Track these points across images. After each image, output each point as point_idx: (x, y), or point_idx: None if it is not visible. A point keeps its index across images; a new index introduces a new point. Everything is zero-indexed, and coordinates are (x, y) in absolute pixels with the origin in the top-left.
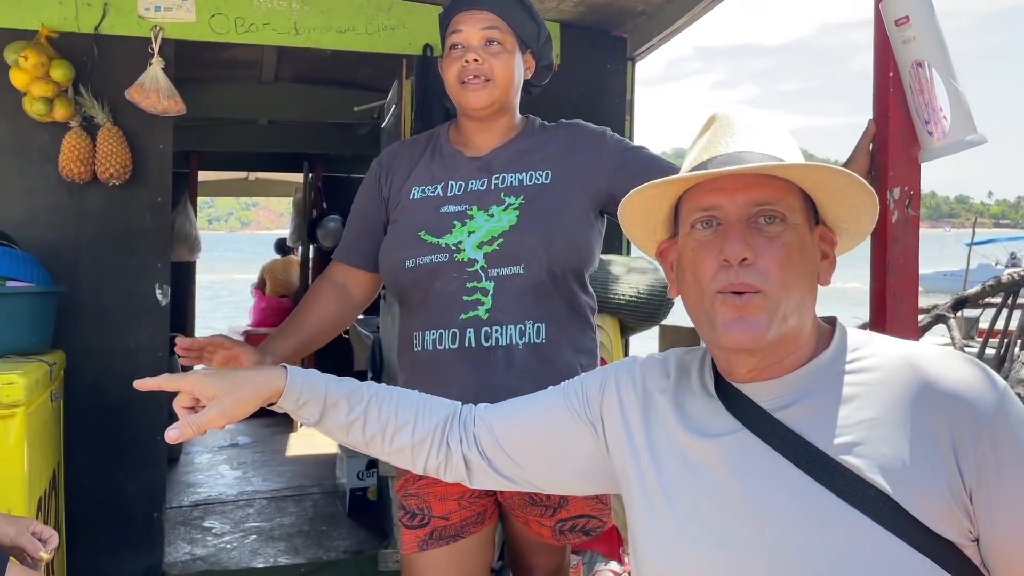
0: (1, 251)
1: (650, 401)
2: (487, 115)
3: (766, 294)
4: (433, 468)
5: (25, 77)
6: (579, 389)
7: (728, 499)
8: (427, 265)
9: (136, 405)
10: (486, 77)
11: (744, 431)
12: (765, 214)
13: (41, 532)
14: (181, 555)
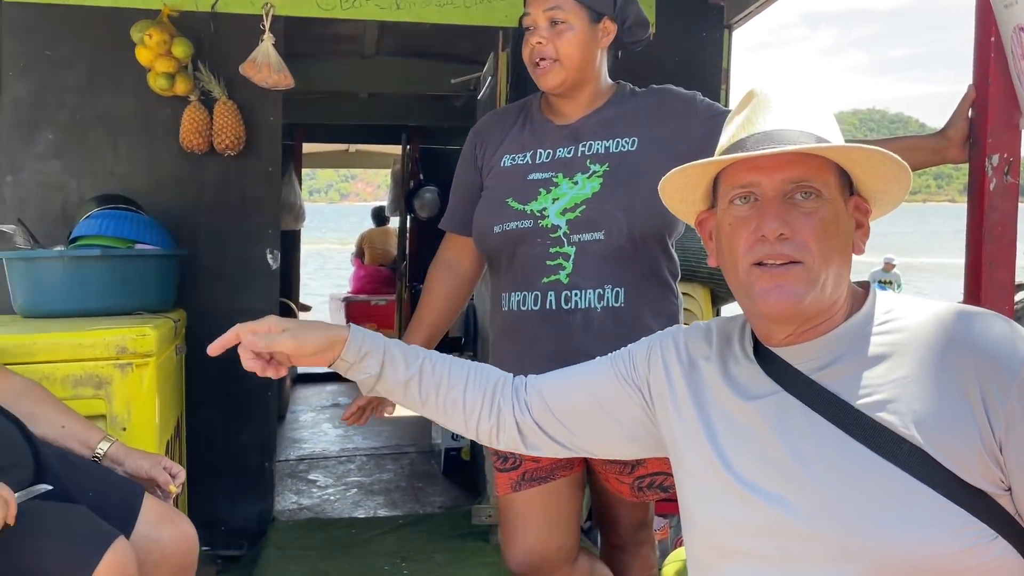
0: (130, 216)
1: (694, 367)
2: (562, 92)
3: (807, 265)
4: (485, 433)
5: (149, 54)
6: (626, 357)
7: (769, 457)
8: (513, 231)
9: None
10: (553, 58)
11: (782, 393)
12: (802, 190)
13: (171, 467)
14: (288, 504)
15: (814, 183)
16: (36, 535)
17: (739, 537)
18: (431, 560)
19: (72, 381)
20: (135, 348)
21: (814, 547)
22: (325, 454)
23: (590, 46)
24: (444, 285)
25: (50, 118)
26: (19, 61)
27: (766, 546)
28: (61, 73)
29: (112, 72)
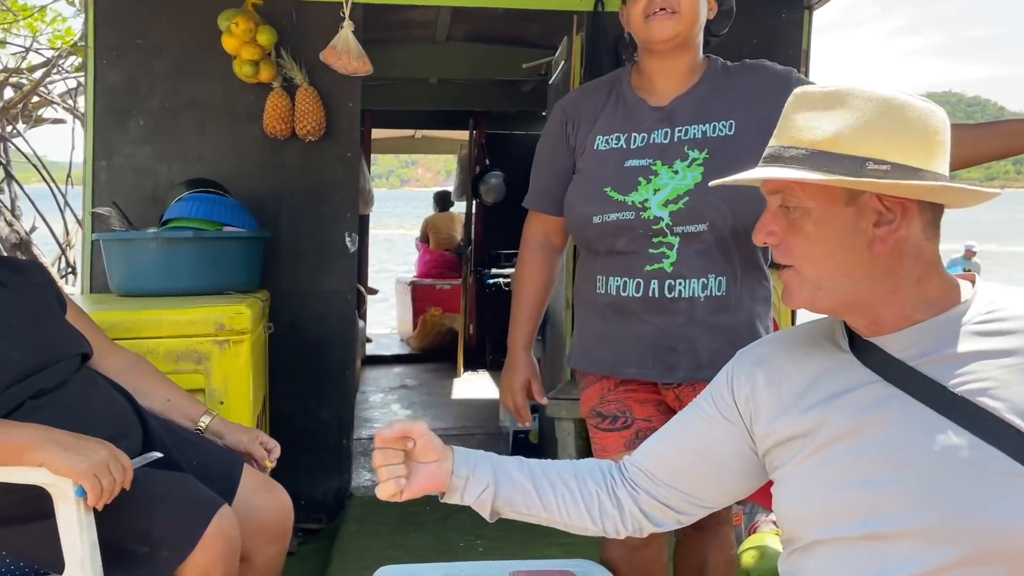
0: (219, 200)
1: (779, 371)
2: (670, 48)
3: (796, 269)
4: (612, 526)
5: (235, 42)
6: (709, 397)
7: (867, 445)
8: (613, 222)
9: (329, 343)
10: (672, 9)
11: (880, 381)
12: (786, 204)
13: (267, 443)
14: (363, 481)
15: (794, 199)
16: (148, 500)
17: (838, 523)
18: (506, 539)
19: (174, 356)
20: (232, 325)
21: (915, 531)
22: None
23: (702, 8)
24: (539, 266)
25: (141, 105)
26: (112, 50)
27: (865, 531)
28: (152, 61)
29: (199, 59)
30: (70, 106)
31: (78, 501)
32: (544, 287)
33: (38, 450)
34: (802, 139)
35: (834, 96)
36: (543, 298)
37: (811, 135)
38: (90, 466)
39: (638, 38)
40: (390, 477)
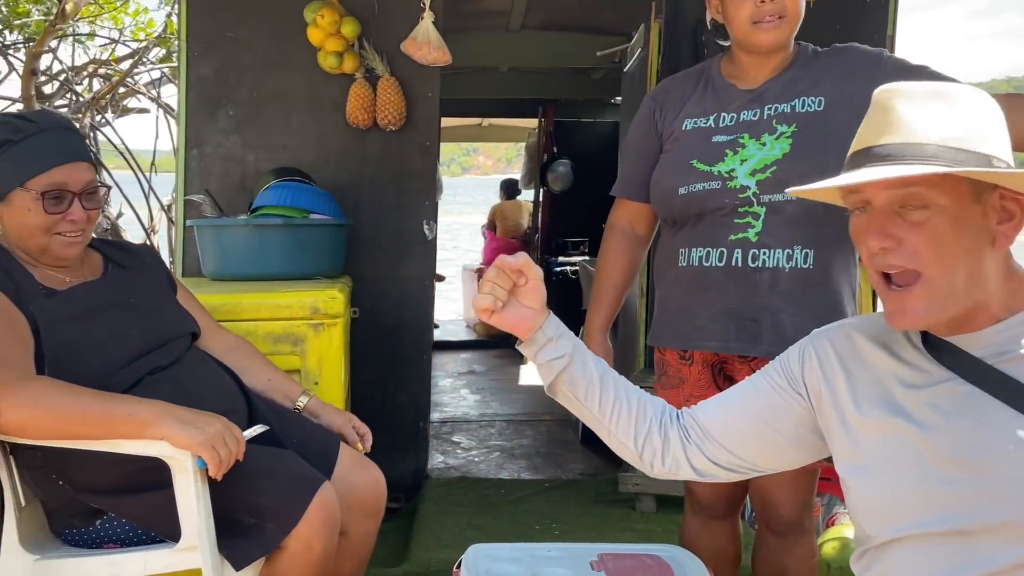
0: (306, 188)
1: (853, 359)
2: (773, 50)
3: (926, 277)
4: (649, 454)
5: (320, 34)
6: (778, 367)
7: (945, 442)
8: (699, 192)
9: (407, 328)
10: (780, 15)
11: (955, 379)
12: (909, 203)
13: (359, 427)
14: (437, 463)
15: (920, 195)
16: (256, 475)
17: (916, 520)
18: (579, 523)
19: (272, 338)
20: (326, 309)
21: (995, 528)
22: (466, 418)
23: (803, 5)
24: (622, 253)
25: (230, 95)
26: (203, 42)
27: (945, 528)
28: (240, 53)
29: (286, 51)
30: (154, 96)
31: (196, 472)
32: (626, 274)
33: (159, 424)
34: (928, 136)
35: (941, 94)
36: (624, 284)
37: (938, 132)
38: (207, 438)
39: (740, 39)
40: (491, 293)
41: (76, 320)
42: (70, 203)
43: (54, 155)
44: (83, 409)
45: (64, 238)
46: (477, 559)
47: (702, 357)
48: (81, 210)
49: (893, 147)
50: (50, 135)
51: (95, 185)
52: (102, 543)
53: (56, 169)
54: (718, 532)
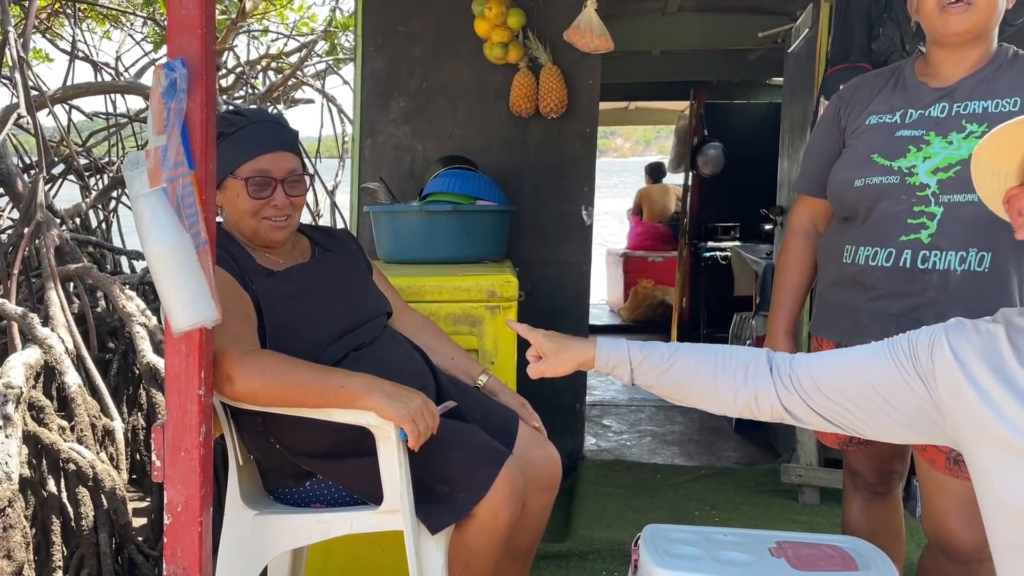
0: (472, 176)
1: (991, 356)
2: (964, 41)
3: None
4: (744, 405)
5: (487, 26)
6: (906, 345)
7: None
8: (876, 185)
9: (564, 311)
10: (968, 1)
11: None
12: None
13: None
14: (589, 445)
15: None
16: (449, 447)
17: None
18: (740, 511)
19: (452, 319)
20: (502, 292)
21: None
22: (615, 402)
23: (1001, 1)
24: (804, 252)
25: (401, 87)
26: (377, 36)
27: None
28: (411, 46)
29: (453, 43)
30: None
31: (399, 442)
32: (807, 274)
33: (368, 396)
34: None
35: None
36: (807, 285)
37: None
38: (410, 412)
39: (929, 28)
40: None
41: (292, 299)
42: (273, 189)
43: (259, 145)
44: (303, 380)
45: (271, 222)
46: (656, 538)
47: None
48: (284, 196)
49: None
50: (258, 127)
51: (298, 173)
52: (310, 503)
53: (260, 157)
54: (880, 509)
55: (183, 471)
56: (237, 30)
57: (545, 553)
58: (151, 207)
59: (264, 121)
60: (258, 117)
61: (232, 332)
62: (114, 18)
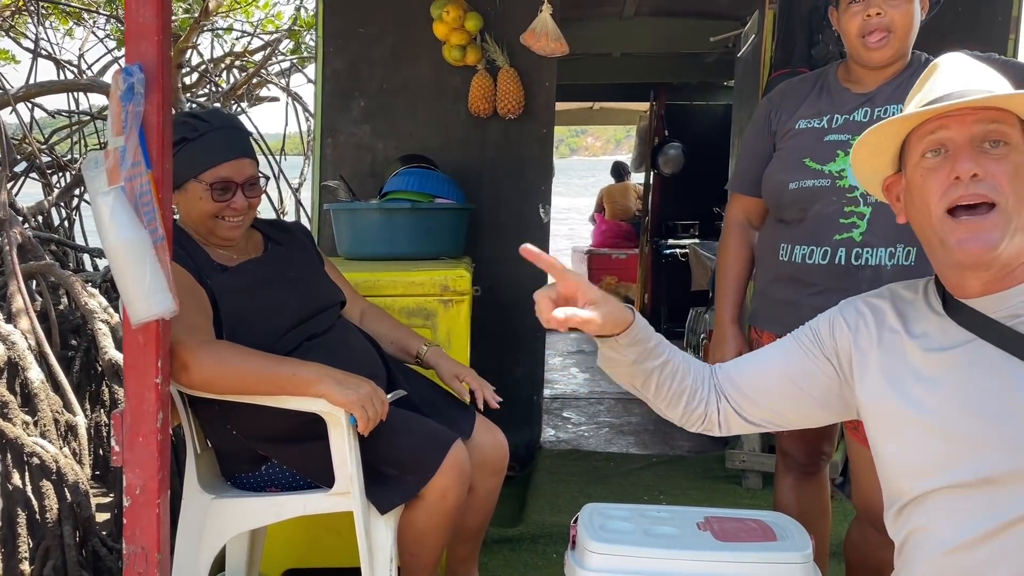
0: (431, 174)
1: (881, 329)
2: (885, 65)
3: (1000, 208)
4: (696, 417)
5: (445, 29)
6: (809, 332)
7: (965, 400)
8: (809, 188)
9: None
10: (888, 30)
11: (977, 341)
12: (990, 138)
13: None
14: (548, 437)
15: (1001, 130)
16: (397, 432)
17: (942, 475)
18: (686, 496)
19: (406, 312)
20: (455, 287)
21: (1018, 477)
22: (576, 395)
23: (916, 19)
24: (742, 246)
25: (362, 87)
26: (338, 38)
27: (973, 477)
28: (371, 48)
29: (413, 45)
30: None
31: (349, 427)
32: (747, 265)
33: (319, 384)
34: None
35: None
36: (747, 275)
37: (1000, 83)
38: (359, 399)
39: (852, 53)
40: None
41: (246, 292)
42: (234, 193)
43: (222, 152)
44: (257, 368)
45: (227, 222)
46: (592, 516)
47: None
48: (243, 199)
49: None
50: (221, 134)
51: (256, 177)
52: (265, 487)
53: (224, 164)
54: (808, 488)
55: (141, 456)
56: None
57: (499, 537)
58: (110, 205)
59: (227, 127)
60: (220, 123)
61: (188, 323)
62: (76, 16)
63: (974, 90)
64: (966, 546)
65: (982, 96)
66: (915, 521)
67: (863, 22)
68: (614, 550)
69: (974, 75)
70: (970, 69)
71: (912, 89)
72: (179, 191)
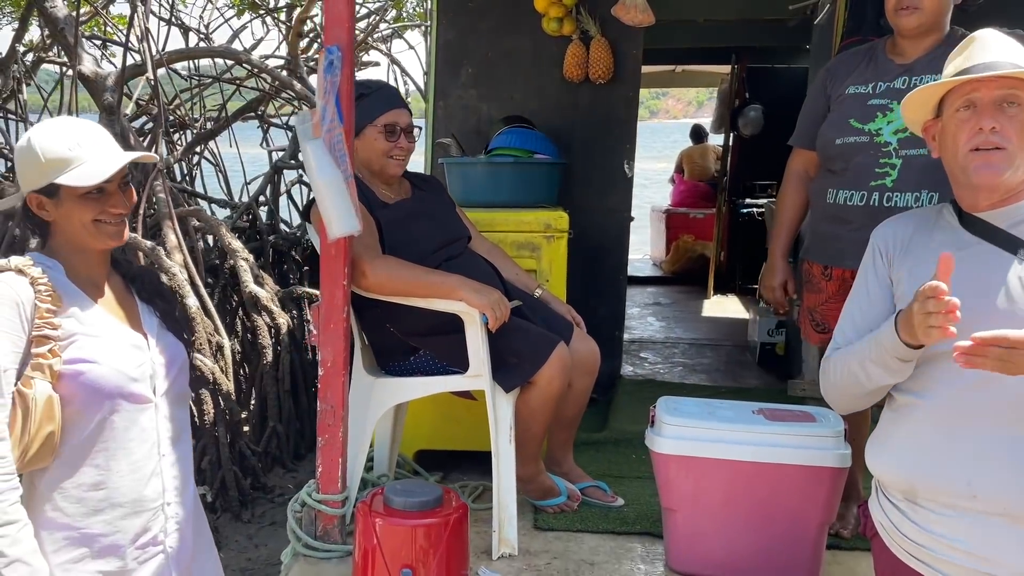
0: (530, 133)
1: (909, 240)
2: (916, 34)
3: (1007, 151)
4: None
5: (544, 3)
6: (876, 270)
7: (970, 283)
8: (852, 144)
9: (608, 251)
10: (915, 6)
11: (984, 243)
12: (1008, 100)
13: (577, 318)
14: (627, 371)
15: (1017, 95)
16: (516, 330)
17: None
18: None
19: (516, 245)
20: (556, 225)
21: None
22: (652, 339)
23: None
24: (798, 193)
25: (469, 56)
26: (449, 12)
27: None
28: (477, 20)
29: (515, 18)
30: (386, 51)
31: (481, 324)
32: (801, 209)
33: (459, 290)
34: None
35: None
36: (800, 218)
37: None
38: (490, 302)
39: (891, 22)
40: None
41: (402, 223)
42: (398, 136)
43: (390, 103)
44: (415, 276)
45: (394, 160)
46: (667, 402)
47: (840, 274)
48: (406, 141)
49: (993, 62)
50: (384, 91)
51: (412, 126)
52: (414, 374)
53: (391, 111)
54: None
55: (332, 337)
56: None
57: (587, 440)
58: (314, 150)
59: (386, 87)
60: (382, 85)
61: (365, 243)
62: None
63: (1002, 63)
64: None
65: (1006, 71)
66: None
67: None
68: (684, 422)
69: (1003, 49)
70: (1000, 44)
71: (951, 55)
72: (357, 138)
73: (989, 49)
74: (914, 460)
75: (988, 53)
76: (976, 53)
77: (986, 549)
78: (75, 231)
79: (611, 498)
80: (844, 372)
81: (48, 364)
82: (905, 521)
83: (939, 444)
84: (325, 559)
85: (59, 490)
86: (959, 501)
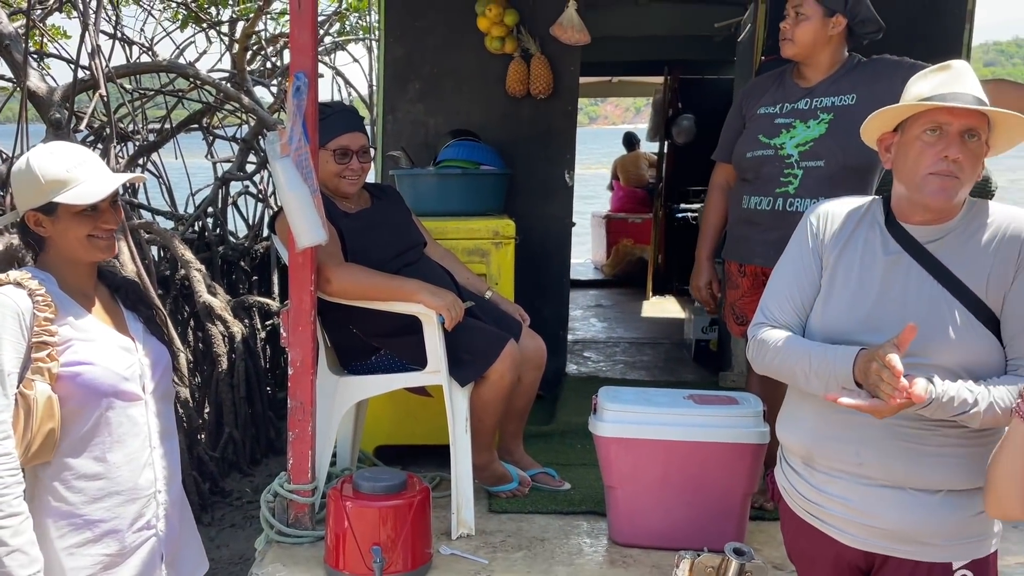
0: (476, 145)
1: (840, 226)
2: (799, 60)
3: (960, 180)
4: None
5: (487, 23)
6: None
7: (883, 287)
8: (759, 156)
9: (550, 255)
10: (787, 38)
11: (903, 253)
12: (970, 132)
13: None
14: (571, 370)
15: (979, 131)
16: (470, 330)
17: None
18: None
19: (467, 251)
20: (503, 232)
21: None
22: (595, 339)
23: (821, 33)
24: (720, 202)
25: (416, 72)
26: (397, 30)
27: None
28: (424, 38)
29: (459, 37)
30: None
31: (438, 324)
32: (723, 216)
33: (418, 293)
34: (975, 95)
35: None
36: (722, 224)
37: (977, 93)
38: (446, 304)
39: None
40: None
41: (363, 232)
42: (351, 158)
43: (342, 127)
44: (376, 282)
45: (347, 180)
46: (608, 391)
47: (752, 271)
48: (357, 163)
49: (966, 94)
50: (341, 115)
51: (367, 147)
52: (375, 372)
53: (343, 136)
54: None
55: (301, 339)
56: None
57: (536, 432)
58: (283, 168)
59: (344, 111)
60: (340, 108)
61: (329, 251)
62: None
63: (970, 96)
64: None
65: (975, 106)
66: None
67: (781, 30)
68: (623, 408)
69: (974, 83)
70: (972, 77)
71: (914, 77)
72: None
73: (963, 80)
74: (814, 431)
75: (962, 84)
76: (951, 82)
77: (869, 507)
78: (70, 246)
79: (559, 483)
80: (784, 367)
81: (47, 367)
82: (803, 483)
83: (835, 421)
84: (297, 544)
85: (62, 481)
86: (848, 467)
